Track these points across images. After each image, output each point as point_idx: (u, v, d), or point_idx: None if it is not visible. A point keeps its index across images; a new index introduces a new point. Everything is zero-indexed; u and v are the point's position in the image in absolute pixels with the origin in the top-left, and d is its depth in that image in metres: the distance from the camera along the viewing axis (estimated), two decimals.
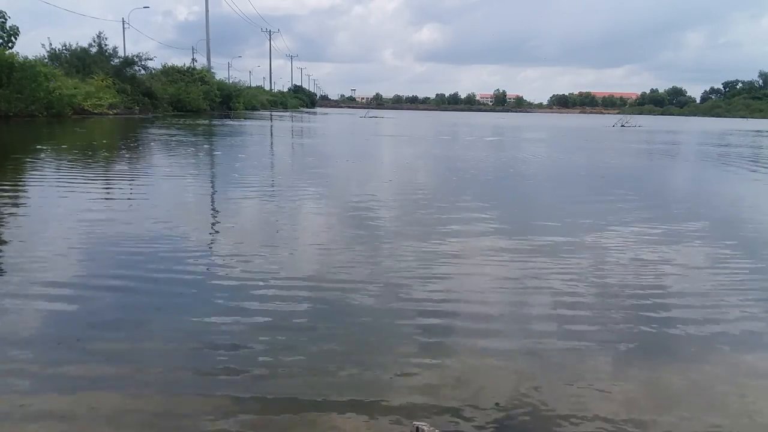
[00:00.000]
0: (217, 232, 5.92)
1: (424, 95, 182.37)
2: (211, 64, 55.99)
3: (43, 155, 12.58)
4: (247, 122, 34.72)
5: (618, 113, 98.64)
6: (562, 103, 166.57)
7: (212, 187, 9.26)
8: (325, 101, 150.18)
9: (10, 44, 28.44)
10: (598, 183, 11.29)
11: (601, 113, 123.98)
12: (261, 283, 4.09)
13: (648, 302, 4.01)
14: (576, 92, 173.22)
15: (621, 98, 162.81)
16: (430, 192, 9.14)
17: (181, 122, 30.20)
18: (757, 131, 40.94)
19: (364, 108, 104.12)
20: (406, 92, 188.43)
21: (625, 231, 6.25)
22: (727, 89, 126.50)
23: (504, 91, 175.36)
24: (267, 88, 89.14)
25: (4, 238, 5.40)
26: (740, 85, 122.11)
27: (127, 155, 13.59)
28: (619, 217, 7.00)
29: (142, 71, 42.23)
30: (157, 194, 8.20)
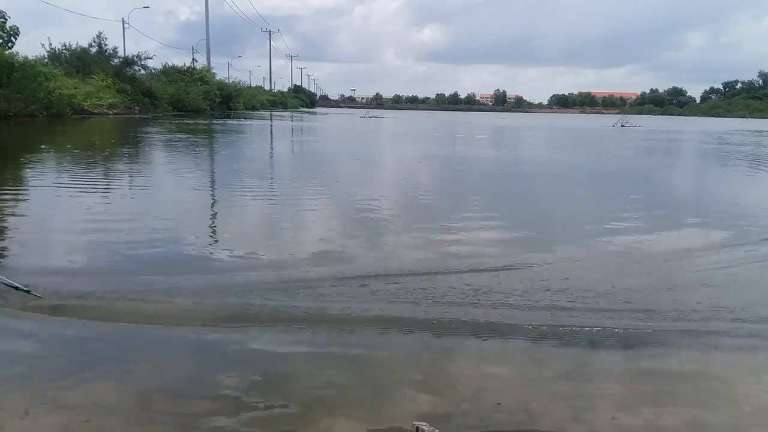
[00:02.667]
0: (230, 237, 5.86)
1: (425, 95, 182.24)
2: (211, 64, 56.00)
3: (43, 156, 12.51)
4: (248, 122, 34.67)
5: (618, 113, 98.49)
6: (562, 103, 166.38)
7: (217, 189, 9.17)
8: (325, 101, 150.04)
9: (10, 44, 28.34)
10: (603, 183, 11.23)
11: (601, 113, 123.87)
12: (267, 290, 4.02)
13: (652, 303, 3.96)
14: (576, 92, 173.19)
15: (621, 98, 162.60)
16: (442, 192, 9.07)
17: (181, 122, 30.13)
18: (758, 131, 40.91)
19: (364, 108, 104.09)
20: (407, 92, 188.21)
21: (629, 232, 6.19)
22: (727, 89, 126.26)
23: (504, 91, 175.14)
24: (267, 88, 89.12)
25: (5, 242, 5.33)
26: (740, 85, 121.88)
27: (127, 156, 13.53)
28: (625, 218, 6.95)
29: (142, 71, 42.18)
30: (159, 196, 8.14)
